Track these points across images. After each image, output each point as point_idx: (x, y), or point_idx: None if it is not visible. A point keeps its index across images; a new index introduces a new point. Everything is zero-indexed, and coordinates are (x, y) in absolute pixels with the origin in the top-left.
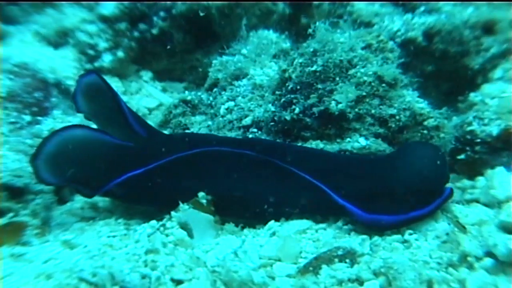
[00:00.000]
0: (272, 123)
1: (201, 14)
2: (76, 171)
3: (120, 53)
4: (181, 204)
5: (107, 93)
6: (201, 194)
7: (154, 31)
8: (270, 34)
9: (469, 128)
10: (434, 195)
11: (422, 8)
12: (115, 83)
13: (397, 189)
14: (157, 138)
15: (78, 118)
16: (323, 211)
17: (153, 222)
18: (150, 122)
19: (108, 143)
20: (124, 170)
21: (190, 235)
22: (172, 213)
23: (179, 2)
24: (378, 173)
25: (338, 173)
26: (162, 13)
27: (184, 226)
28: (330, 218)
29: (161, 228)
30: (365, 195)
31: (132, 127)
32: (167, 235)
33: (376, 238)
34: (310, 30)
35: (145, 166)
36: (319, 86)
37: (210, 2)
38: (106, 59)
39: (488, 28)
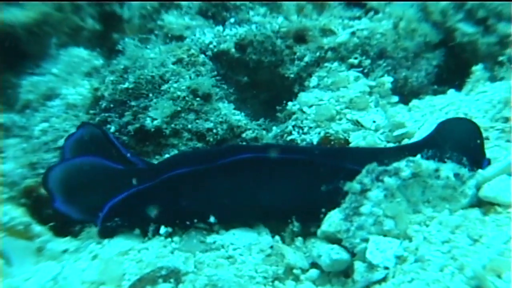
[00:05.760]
0: None
1: None
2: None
3: None
4: None
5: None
6: (19, 219)
7: None
8: (81, 52)
9: (289, 138)
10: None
11: (232, 20)
12: None
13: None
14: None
15: None
16: None
17: None
18: None
19: (119, 170)
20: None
21: (9, 264)
22: None
23: None
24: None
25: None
26: None
27: (1, 254)
28: None
29: None
30: None
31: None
32: None
33: (200, 255)
34: (119, 47)
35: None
36: (133, 103)
37: (15, 21)
38: None
39: (300, 37)
